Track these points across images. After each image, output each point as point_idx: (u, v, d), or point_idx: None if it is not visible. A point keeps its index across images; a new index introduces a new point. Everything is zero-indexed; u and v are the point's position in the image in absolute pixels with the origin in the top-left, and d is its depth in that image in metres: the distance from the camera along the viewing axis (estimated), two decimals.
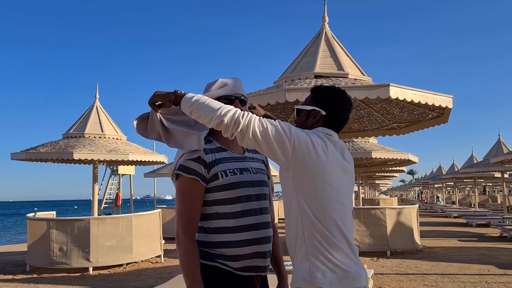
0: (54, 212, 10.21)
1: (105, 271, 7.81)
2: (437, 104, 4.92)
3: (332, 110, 1.86)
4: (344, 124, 1.90)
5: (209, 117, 1.65)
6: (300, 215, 1.69)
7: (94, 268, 7.85)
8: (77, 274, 7.58)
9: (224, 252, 1.78)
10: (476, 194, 25.00)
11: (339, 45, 5.84)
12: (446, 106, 5.05)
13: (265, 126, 1.66)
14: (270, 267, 2.01)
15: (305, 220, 1.68)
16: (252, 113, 1.95)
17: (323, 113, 1.85)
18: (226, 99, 1.88)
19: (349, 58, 5.79)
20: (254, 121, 1.65)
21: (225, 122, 1.63)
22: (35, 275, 7.59)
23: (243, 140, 1.66)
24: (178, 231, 1.75)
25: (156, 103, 1.81)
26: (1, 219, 46.42)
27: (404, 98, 4.65)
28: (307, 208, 1.67)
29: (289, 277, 2.18)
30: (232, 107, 1.67)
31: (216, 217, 1.80)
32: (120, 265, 8.19)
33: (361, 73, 5.67)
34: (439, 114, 5.78)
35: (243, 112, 1.66)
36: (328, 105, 1.86)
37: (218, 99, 1.88)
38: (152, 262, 8.75)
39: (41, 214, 9.55)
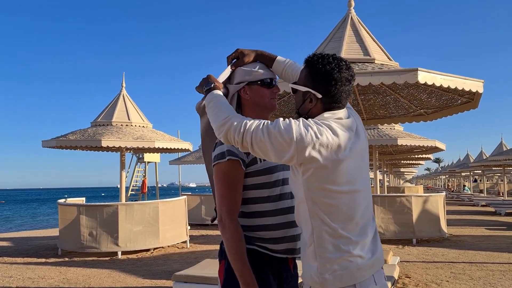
0: (84, 198, 10.51)
1: (133, 256, 8.02)
2: (467, 89, 4.79)
3: (331, 89, 1.60)
4: (348, 97, 1.66)
5: (214, 124, 1.65)
6: (309, 216, 1.58)
7: (123, 253, 8.08)
8: (107, 258, 7.82)
9: (262, 235, 1.81)
10: (505, 183, 24.35)
11: (365, 30, 5.73)
12: (477, 91, 4.92)
13: (264, 139, 1.53)
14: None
15: (315, 220, 1.57)
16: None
17: (319, 96, 1.62)
18: (268, 83, 1.88)
19: (376, 43, 5.68)
20: (251, 137, 1.55)
21: (222, 137, 1.62)
22: (66, 259, 7.86)
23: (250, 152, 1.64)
24: (222, 215, 1.74)
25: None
26: (33, 205, 48.08)
27: (433, 83, 4.55)
28: (317, 209, 1.55)
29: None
30: (233, 117, 1.60)
31: (254, 201, 1.82)
32: (148, 250, 8.40)
33: (388, 58, 5.57)
34: (469, 100, 5.63)
35: (240, 124, 1.58)
36: (325, 83, 1.60)
37: (265, 80, 1.87)
38: (178, 247, 8.93)
39: (71, 200, 9.85)
